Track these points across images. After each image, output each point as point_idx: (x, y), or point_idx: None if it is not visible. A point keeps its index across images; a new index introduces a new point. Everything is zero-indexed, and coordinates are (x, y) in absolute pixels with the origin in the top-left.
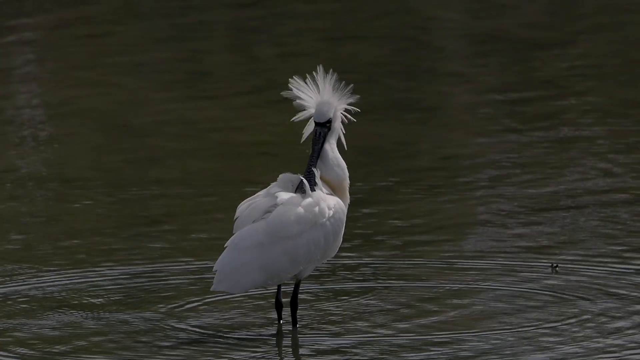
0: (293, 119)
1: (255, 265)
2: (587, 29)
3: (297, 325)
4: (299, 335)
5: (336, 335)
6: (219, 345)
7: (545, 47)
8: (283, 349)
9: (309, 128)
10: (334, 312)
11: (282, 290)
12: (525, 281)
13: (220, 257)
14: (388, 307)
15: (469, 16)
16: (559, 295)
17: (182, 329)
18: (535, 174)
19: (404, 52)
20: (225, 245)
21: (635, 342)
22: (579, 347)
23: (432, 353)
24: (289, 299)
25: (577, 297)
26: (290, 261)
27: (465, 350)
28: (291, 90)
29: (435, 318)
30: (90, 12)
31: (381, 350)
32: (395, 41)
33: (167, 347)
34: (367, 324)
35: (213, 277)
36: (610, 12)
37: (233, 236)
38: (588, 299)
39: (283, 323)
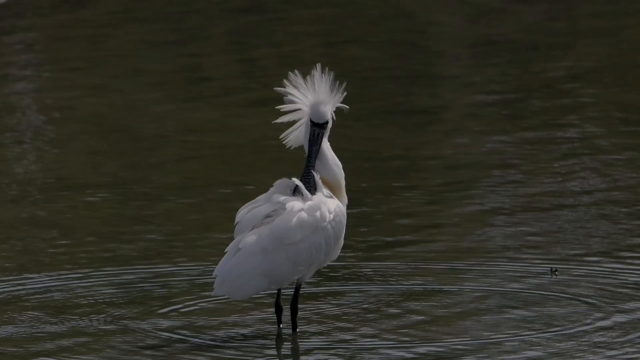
0: (278, 120)
1: (259, 271)
2: (585, 33)
3: (297, 330)
4: (298, 340)
5: (334, 340)
6: (216, 351)
7: (543, 51)
8: (282, 353)
9: (295, 129)
10: (328, 315)
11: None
12: (504, 283)
13: (221, 262)
14: (385, 312)
15: (468, 21)
16: (524, 300)
17: (173, 333)
18: (533, 177)
19: (403, 57)
20: (225, 250)
21: (595, 346)
22: (542, 352)
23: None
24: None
25: (545, 300)
26: (293, 266)
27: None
28: (286, 86)
29: (403, 321)
30: (89, 15)
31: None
32: (394, 46)
33: (160, 353)
34: (369, 329)
35: (212, 281)
36: (609, 16)
37: (234, 241)
38: (553, 304)
39: (283, 327)
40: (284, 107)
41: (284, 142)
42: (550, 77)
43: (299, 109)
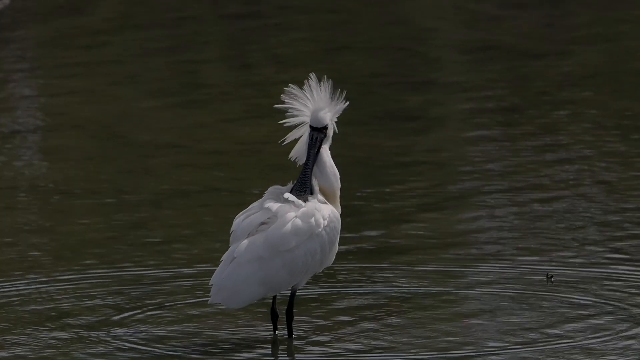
0: (282, 121)
1: (255, 280)
2: (581, 39)
3: (293, 336)
4: (295, 346)
5: (331, 346)
6: (213, 358)
7: (540, 57)
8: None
9: (296, 133)
10: (325, 321)
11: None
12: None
13: (217, 270)
14: (382, 317)
15: (464, 27)
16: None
17: (166, 340)
18: (529, 183)
19: (399, 63)
20: (221, 259)
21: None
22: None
23: None
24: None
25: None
26: (289, 273)
27: None
28: (285, 100)
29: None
30: (86, 22)
31: None
32: (391, 52)
33: None
34: (367, 335)
35: (210, 287)
36: (605, 23)
37: (229, 249)
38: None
39: (278, 333)
40: (287, 122)
41: (290, 157)
42: (546, 83)
43: (303, 122)
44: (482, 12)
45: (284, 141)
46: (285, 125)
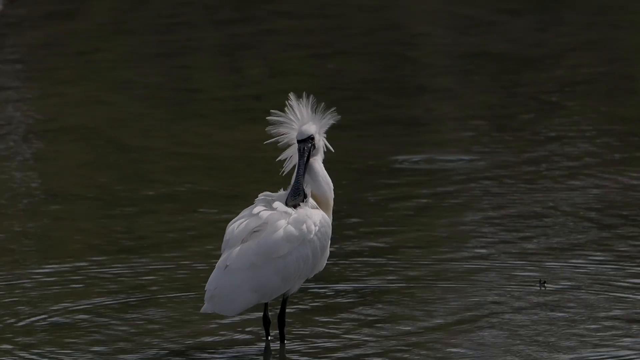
0: (279, 158)
1: (248, 287)
2: (574, 45)
3: (285, 342)
4: (286, 353)
5: (324, 351)
6: None
7: (532, 63)
8: None
9: (293, 160)
10: (318, 326)
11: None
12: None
13: (211, 277)
14: (380, 317)
15: (457, 32)
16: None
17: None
18: (523, 187)
19: (392, 69)
20: (215, 266)
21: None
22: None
23: None
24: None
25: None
26: (282, 279)
27: None
28: (270, 131)
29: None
30: (78, 28)
31: None
32: (383, 57)
33: None
34: (367, 340)
35: (203, 295)
36: (598, 28)
37: (223, 257)
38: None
39: (271, 339)
40: (284, 156)
41: (282, 172)
42: (539, 88)
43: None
44: (474, 17)
45: (283, 172)
46: (281, 159)
